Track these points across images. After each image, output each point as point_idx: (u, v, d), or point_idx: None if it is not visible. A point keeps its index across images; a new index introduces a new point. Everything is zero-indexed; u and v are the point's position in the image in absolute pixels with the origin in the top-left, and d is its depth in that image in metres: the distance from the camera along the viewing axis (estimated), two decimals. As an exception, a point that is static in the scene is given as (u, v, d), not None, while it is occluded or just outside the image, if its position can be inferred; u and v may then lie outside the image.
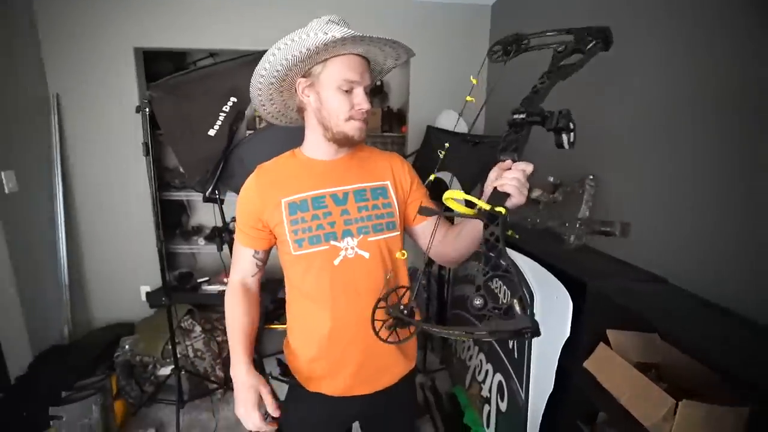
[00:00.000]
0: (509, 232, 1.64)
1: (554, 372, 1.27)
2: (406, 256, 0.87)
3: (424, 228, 0.99)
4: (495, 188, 0.65)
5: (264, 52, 0.86)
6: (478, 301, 0.52)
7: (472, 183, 2.01)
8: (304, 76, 0.87)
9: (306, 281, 0.90)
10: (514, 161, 0.66)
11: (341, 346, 0.91)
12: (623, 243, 1.42)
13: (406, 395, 1.07)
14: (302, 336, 0.96)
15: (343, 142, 0.89)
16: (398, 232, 0.95)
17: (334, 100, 0.85)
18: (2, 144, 2.02)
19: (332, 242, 0.88)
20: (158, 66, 2.63)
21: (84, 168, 2.49)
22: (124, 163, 2.52)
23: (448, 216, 0.77)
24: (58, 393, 1.63)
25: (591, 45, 0.78)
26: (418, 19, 2.51)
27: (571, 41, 0.83)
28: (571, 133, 0.64)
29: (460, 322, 2.12)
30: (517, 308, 0.50)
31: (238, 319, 0.94)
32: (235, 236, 0.97)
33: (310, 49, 0.79)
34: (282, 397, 1.01)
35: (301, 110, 0.93)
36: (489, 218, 0.59)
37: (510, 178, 0.64)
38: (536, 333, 0.47)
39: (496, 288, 1.63)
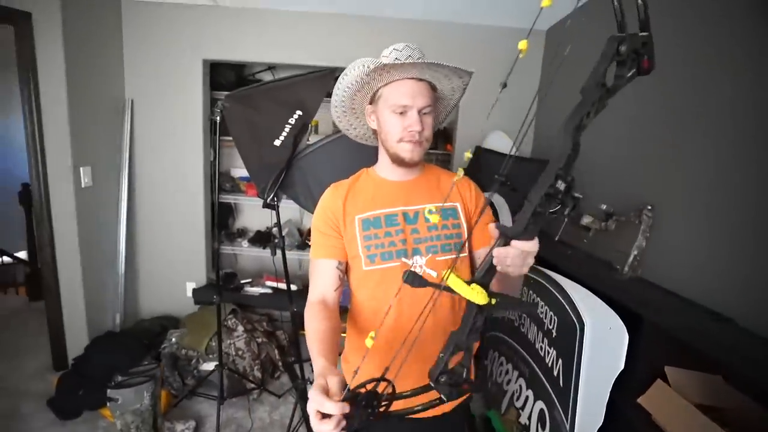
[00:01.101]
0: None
1: (605, 405, 1.24)
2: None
3: (482, 255, 0.97)
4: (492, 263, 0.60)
5: (325, 68, 0.94)
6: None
7: (520, 200, 2.01)
8: (370, 103, 0.96)
9: (375, 296, 0.93)
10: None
11: (400, 361, 0.93)
12: (681, 276, 1.38)
13: (459, 426, 1.06)
14: (362, 351, 0.97)
15: (399, 162, 0.94)
16: (466, 254, 0.96)
17: (388, 123, 0.91)
18: (83, 142, 2.22)
19: (403, 259, 0.91)
20: (220, 76, 2.81)
21: (147, 168, 2.68)
22: (183, 165, 2.69)
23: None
24: (112, 375, 1.73)
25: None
26: (476, 43, 2.56)
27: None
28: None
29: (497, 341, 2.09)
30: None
31: (315, 327, 0.90)
32: (312, 253, 0.97)
33: (353, 84, 0.90)
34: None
35: (375, 132, 1.00)
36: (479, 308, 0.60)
37: (511, 257, 0.59)
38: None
39: (541, 348, 1.61)
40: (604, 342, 1.26)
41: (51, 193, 2.13)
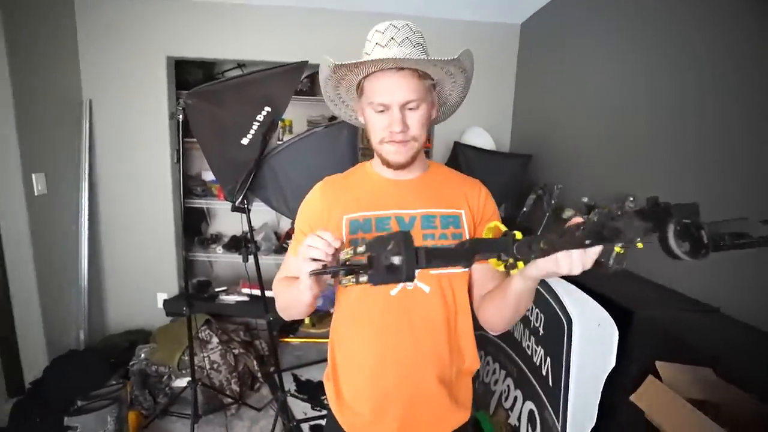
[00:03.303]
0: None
1: (597, 405, 1.19)
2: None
3: (482, 273, 0.85)
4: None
5: (297, 63, 0.84)
6: None
7: (500, 196, 1.97)
8: (357, 95, 0.85)
9: (358, 309, 0.84)
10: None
11: (387, 383, 0.82)
12: (666, 268, 1.36)
13: None
14: (346, 369, 0.87)
15: (386, 165, 0.83)
16: (466, 269, 0.84)
17: (370, 122, 0.81)
18: (35, 146, 2.05)
19: None
20: (187, 74, 2.67)
21: (109, 173, 2.52)
22: (148, 169, 2.54)
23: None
24: (73, 400, 1.59)
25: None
26: (447, 37, 2.52)
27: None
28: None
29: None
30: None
31: (290, 279, 0.86)
32: (290, 247, 0.91)
33: (327, 81, 0.82)
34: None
35: None
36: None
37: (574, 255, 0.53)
38: None
39: (528, 346, 1.55)
40: (594, 338, 1.22)
41: (-2, 202, 1.95)
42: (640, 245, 0.66)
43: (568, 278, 1.39)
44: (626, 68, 1.63)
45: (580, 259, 0.52)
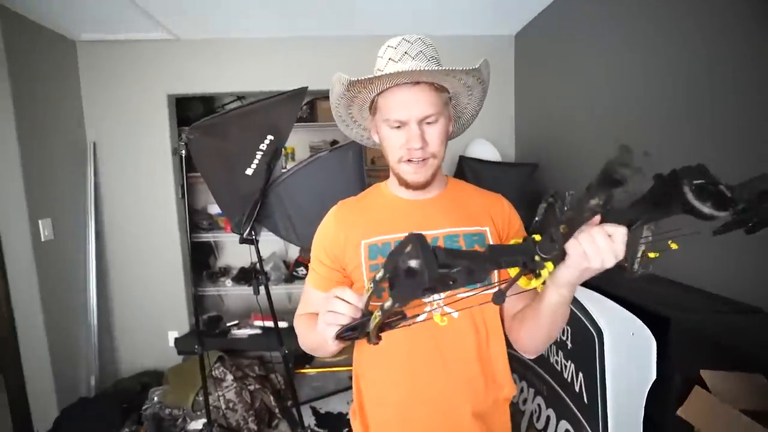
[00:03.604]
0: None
1: (641, 421, 1.11)
2: (445, 323, 0.67)
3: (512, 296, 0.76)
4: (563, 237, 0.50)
5: (297, 89, 0.81)
6: None
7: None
8: (371, 113, 0.82)
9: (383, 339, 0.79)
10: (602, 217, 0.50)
11: (417, 420, 0.77)
12: (697, 268, 1.29)
13: None
14: (373, 405, 0.81)
15: (405, 185, 0.79)
16: (496, 289, 0.80)
17: (386, 139, 0.77)
18: (41, 192, 2.06)
19: None
20: (188, 110, 2.70)
21: (116, 214, 2.51)
22: (153, 207, 2.53)
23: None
24: (86, 452, 1.53)
25: None
26: (445, 53, 2.53)
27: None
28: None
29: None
30: None
31: (309, 318, 0.81)
32: (308, 277, 0.86)
33: (339, 100, 0.78)
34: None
35: None
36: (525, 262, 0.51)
37: (585, 238, 0.50)
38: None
39: (557, 362, 1.48)
40: (628, 350, 1.15)
41: (5, 250, 1.93)
42: (674, 246, 0.62)
43: (597, 287, 1.33)
44: (623, 71, 1.62)
45: (606, 244, 0.49)
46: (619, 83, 1.65)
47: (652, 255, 0.61)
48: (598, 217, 0.50)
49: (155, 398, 2.06)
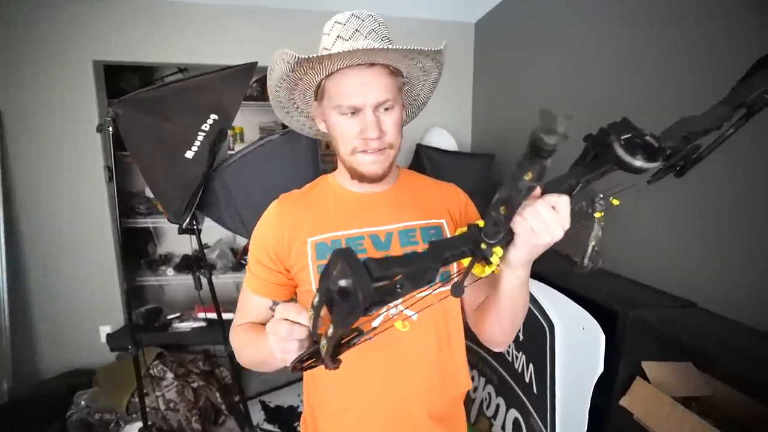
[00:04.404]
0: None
1: (587, 411, 1.16)
2: (407, 328, 0.57)
3: (470, 287, 0.71)
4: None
5: (246, 64, 0.70)
6: None
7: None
8: (316, 99, 0.73)
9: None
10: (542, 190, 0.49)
11: (375, 425, 0.73)
12: (640, 263, 1.36)
13: None
14: (327, 415, 0.76)
15: (359, 178, 0.72)
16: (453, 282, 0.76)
17: (337, 128, 0.69)
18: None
19: None
20: (123, 82, 2.40)
21: (31, 194, 2.20)
22: (78, 189, 2.25)
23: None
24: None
25: None
26: (401, 35, 2.45)
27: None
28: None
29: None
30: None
31: (248, 330, 0.74)
32: (246, 281, 0.77)
33: (281, 82, 0.69)
34: None
35: None
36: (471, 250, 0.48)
37: (530, 213, 0.48)
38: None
39: (508, 353, 1.50)
40: (579, 343, 1.18)
41: None
42: (615, 201, 0.63)
43: (549, 281, 1.36)
44: (582, 62, 1.64)
45: (552, 217, 0.47)
46: (578, 74, 1.67)
47: (615, 202, 0.63)
48: (538, 190, 0.49)
49: (82, 402, 1.87)
